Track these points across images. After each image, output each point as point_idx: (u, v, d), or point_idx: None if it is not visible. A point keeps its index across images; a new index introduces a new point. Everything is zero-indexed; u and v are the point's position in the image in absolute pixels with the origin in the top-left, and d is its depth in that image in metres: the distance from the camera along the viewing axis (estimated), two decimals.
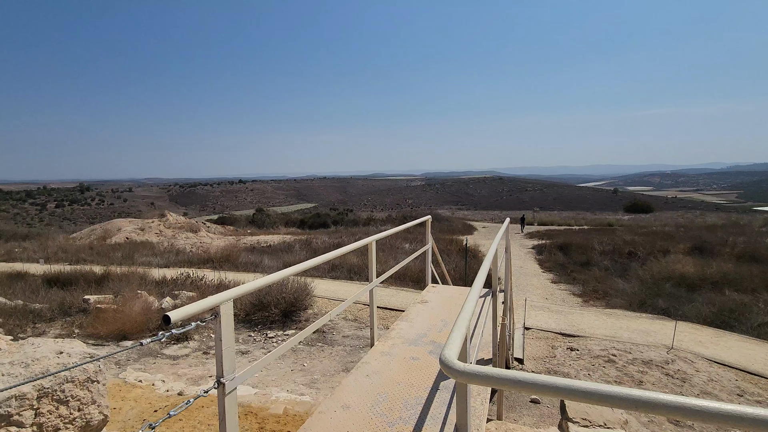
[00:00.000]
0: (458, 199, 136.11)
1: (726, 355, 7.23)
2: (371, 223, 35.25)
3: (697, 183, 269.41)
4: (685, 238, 20.81)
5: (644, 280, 13.50)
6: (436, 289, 4.96)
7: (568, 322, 9.05)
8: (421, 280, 12.99)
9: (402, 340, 3.52)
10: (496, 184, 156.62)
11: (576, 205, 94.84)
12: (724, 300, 11.12)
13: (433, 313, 4.03)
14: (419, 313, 4.03)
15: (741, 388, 6.08)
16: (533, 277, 15.30)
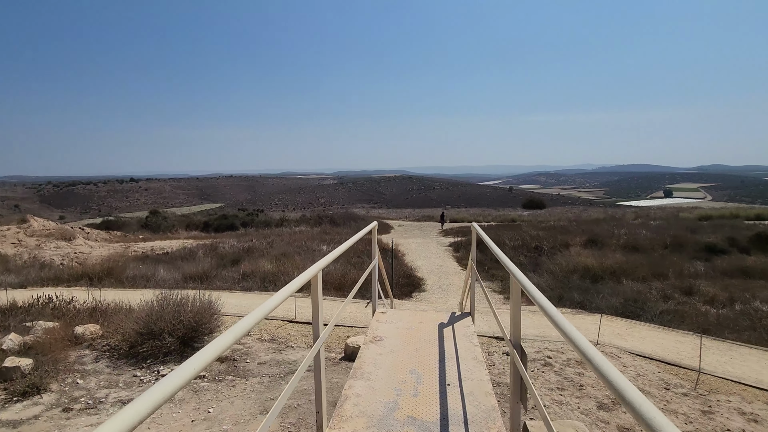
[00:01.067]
0: (370, 198, 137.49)
1: (643, 346, 7.54)
2: (284, 223, 33.25)
3: (574, 181, 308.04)
4: (578, 231, 22.79)
5: (555, 273, 14.24)
6: (388, 316, 3.90)
7: (495, 321, 8.89)
8: (343, 286, 12.07)
9: (365, 421, 2.25)
10: (405, 183, 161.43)
11: (478, 202, 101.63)
12: (624, 289, 12.08)
13: (396, 359, 2.93)
14: (377, 362, 2.92)
15: (665, 381, 6.25)
16: (454, 275, 15.30)
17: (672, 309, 9.69)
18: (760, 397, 5.71)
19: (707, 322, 8.90)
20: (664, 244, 19.12)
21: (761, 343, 7.85)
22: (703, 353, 6.99)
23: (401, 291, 12.34)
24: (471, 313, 3.71)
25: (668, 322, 8.98)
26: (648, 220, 30.74)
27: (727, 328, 8.56)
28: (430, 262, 17.73)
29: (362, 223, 31.41)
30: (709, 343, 7.56)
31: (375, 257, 3.78)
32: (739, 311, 9.88)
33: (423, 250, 20.80)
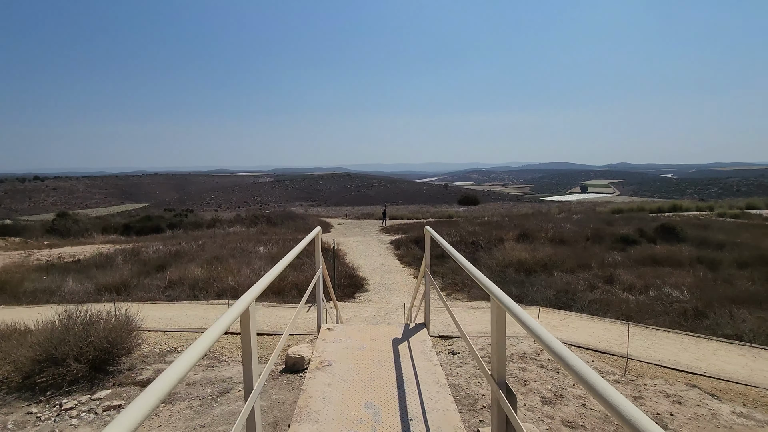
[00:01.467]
0: (309, 196, 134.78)
1: (577, 336, 7.93)
2: (217, 224, 31.23)
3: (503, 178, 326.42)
4: (511, 226, 23.90)
5: (492, 268, 14.72)
6: (336, 334, 3.36)
7: (442, 321, 8.87)
8: (283, 290, 11.46)
9: None
10: (344, 180, 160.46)
11: (416, 199, 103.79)
12: (555, 281, 12.78)
13: (348, 390, 2.46)
14: (326, 396, 2.45)
15: (599, 369, 6.57)
16: (396, 273, 15.25)
17: (598, 298, 10.38)
18: (679, 378, 6.19)
19: (629, 309, 9.62)
20: (586, 237, 20.62)
21: (674, 326, 8.62)
22: (624, 338, 7.49)
23: (344, 292, 12.00)
24: (426, 325, 3.46)
25: (596, 311, 9.59)
26: (570, 214, 33.23)
27: (646, 314, 9.33)
28: (371, 260, 17.55)
29: (301, 222, 30.48)
30: (633, 329, 8.14)
31: (319, 266, 3.38)
32: (654, 297, 10.85)
33: (364, 248, 20.59)
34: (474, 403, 5.27)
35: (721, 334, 7.85)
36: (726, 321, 8.33)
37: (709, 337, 7.74)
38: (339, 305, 10.46)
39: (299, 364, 6.35)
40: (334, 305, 4.99)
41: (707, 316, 8.86)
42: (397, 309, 9.89)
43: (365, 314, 9.50)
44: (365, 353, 2.79)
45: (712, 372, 6.28)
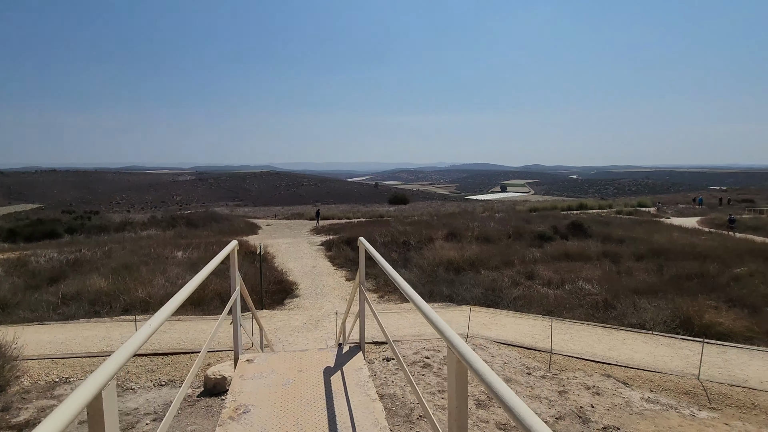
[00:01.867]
0: (235, 195, 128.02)
1: (505, 334, 8.21)
2: (128, 227, 28.14)
3: (431, 178, 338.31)
4: (440, 225, 24.57)
5: (423, 267, 14.92)
6: (256, 366, 2.72)
7: (376, 326, 8.70)
8: (203, 300, 10.50)
9: None
10: (273, 179, 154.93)
11: (347, 198, 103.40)
12: (483, 279, 13.26)
13: None
14: None
15: (526, 366, 6.82)
16: (327, 276, 14.82)
17: (522, 294, 10.93)
18: (596, 369, 6.62)
19: (549, 304, 10.24)
20: (508, 235, 21.83)
21: (588, 318, 9.31)
22: (546, 333, 7.91)
23: (272, 299, 11.32)
24: (361, 347, 3.15)
25: (521, 307, 10.07)
26: (493, 213, 35.17)
27: (564, 308, 9.99)
28: (302, 263, 16.92)
29: (226, 224, 28.63)
30: (554, 324, 8.62)
31: (236, 286, 2.87)
32: (569, 291, 11.70)
33: (294, 250, 19.83)
34: (410, 414, 5.12)
35: (628, 324, 8.63)
36: (631, 311, 9.18)
37: (618, 327, 8.46)
38: (267, 314, 9.82)
39: (220, 386, 5.75)
40: (258, 324, 4.47)
41: (615, 307, 9.71)
42: (329, 315, 9.51)
43: (295, 323, 8.99)
44: (291, 391, 2.34)
45: (623, 361, 6.81)
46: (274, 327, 8.60)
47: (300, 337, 7.99)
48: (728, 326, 7.76)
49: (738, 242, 19.64)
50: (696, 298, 10.19)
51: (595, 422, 5.00)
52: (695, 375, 6.17)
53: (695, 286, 11.33)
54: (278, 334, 8.14)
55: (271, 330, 8.40)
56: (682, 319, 8.29)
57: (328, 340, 7.80)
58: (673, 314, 8.57)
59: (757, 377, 6.07)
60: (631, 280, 12.41)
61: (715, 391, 5.76)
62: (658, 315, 8.59)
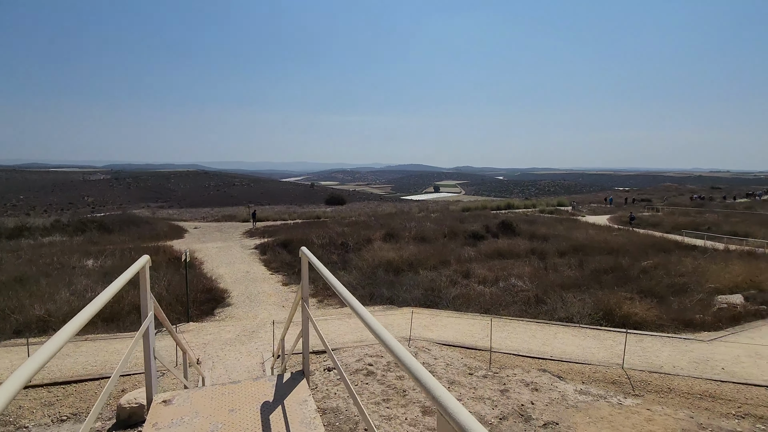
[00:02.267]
0: (158, 196, 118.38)
1: (446, 335, 8.26)
2: (25, 233, 24.54)
3: (366, 178, 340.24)
4: (378, 226, 24.56)
5: (363, 269, 14.71)
6: (172, 411, 2.10)
7: (315, 334, 8.31)
8: (119, 315, 9.35)
9: None
10: (201, 179, 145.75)
11: (282, 199, 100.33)
12: (422, 279, 13.37)
13: None
14: None
15: (468, 366, 6.88)
16: (263, 282, 14.05)
17: (460, 294, 11.14)
18: (533, 365, 6.85)
19: (486, 302, 10.54)
20: (444, 234, 22.39)
21: (522, 314, 9.72)
22: (486, 331, 8.09)
23: (200, 310, 10.41)
24: (305, 374, 2.72)
25: (460, 307, 10.26)
26: (429, 213, 36.05)
27: (500, 305, 10.35)
28: (234, 268, 15.90)
29: (146, 227, 26.14)
30: (492, 322, 8.85)
31: (149, 311, 2.24)
32: (503, 288, 12.18)
33: (225, 255, 18.62)
34: (354, 428, 4.86)
35: (557, 318, 9.13)
36: (559, 306, 9.74)
37: (549, 322, 8.91)
38: (195, 327, 8.96)
39: (137, 415, 5.05)
40: (181, 348, 3.79)
41: (545, 302, 10.25)
42: (265, 325, 8.92)
43: (227, 335, 8.29)
44: None
45: (557, 355, 7.14)
46: (203, 341, 7.85)
47: (232, 352, 7.36)
48: (642, 316, 8.51)
49: (642, 237, 21.95)
50: (613, 290, 11.13)
51: (536, 419, 5.12)
52: (619, 364, 6.62)
53: (612, 279, 12.37)
54: (208, 350, 7.44)
55: (199, 345, 7.65)
56: (604, 311, 8.95)
57: (264, 352, 7.27)
58: (596, 307, 9.22)
59: (670, 363, 6.67)
60: (557, 275, 13.24)
61: (637, 378, 6.21)
62: (583, 308, 9.21)
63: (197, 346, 7.56)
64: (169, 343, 7.37)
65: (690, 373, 6.23)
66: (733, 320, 8.54)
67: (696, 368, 6.46)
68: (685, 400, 5.60)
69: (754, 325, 8.43)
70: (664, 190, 77.58)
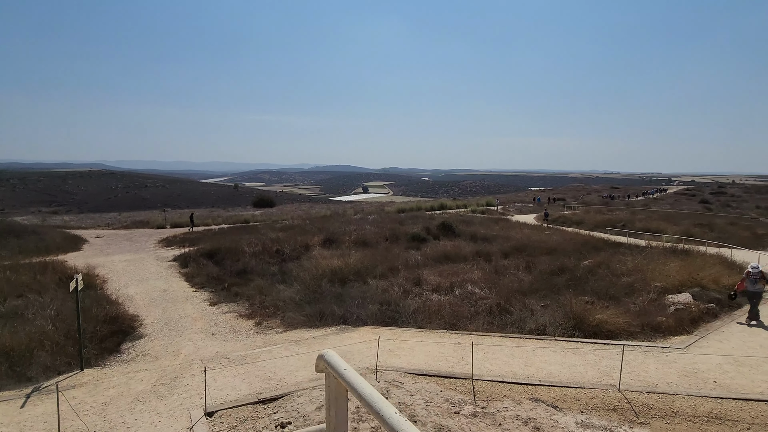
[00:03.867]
0: (52, 200, 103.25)
1: (417, 361, 7.15)
2: None
3: (294, 179, 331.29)
4: (315, 230, 22.91)
5: (305, 281, 13.12)
6: None
7: (260, 373, 6.69)
8: None
9: None
10: (107, 180, 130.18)
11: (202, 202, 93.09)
12: (371, 290, 12.18)
13: None
14: None
15: (450, 401, 5.83)
16: (185, 301, 11.85)
17: (420, 307, 10.10)
18: (523, 394, 6.00)
19: (448, 314, 9.62)
20: (385, 237, 21.44)
21: (489, 327, 8.95)
22: (463, 355, 7.14)
23: (101, 347, 8.09)
24: None
25: (422, 322, 9.23)
26: (366, 215, 34.96)
27: (463, 317, 9.49)
28: (148, 286, 13.38)
29: (31, 238, 21.61)
30: (461, 339, 7.94)
31: None
32: (460, 296, 11.41)
33: (136, 269, 15.80)
34: None
35: (528, 330, 8.49)
36: (527, 315, 9.15)
37: (522, 335, 8.23)
38: (92, 377, 6.75)
39: None
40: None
41: (509, 312, 9.62)
42: (191, 364, 7.06)
43: (138, 385, 6.30)
44: None
45: (544, 378, 6.37)
46: (103, 400, 5.80)
47: (147, 413, 5.47)
48: (613, 323, 8.15)
49: (573, 236, 22.95)
50: (569, 294, 10.91)
51: None
52: (614, 386, 6.02)
53: (563, 281, 12.23)
54: (110, 414, 5.46)
55: (97, 408, 5.63)
56: (575, 320, 8.49)
57: (192, 409, 5.51)
58: (566, 315, 8.74)
59: (662, 379, 6.23)
60: (509, 279, 12.85)
61: (637, 402, 5.62)
62: (553, 318, 8.67)
63: (93, 409, 5.55)
64: (47, 409, 5.32)
65: (687, 391, 5.79)
66: (693, 322, 8.55)
67: (689, 383, 6.07)
68: (693, 425, 5.08)
69: (715, 327, 8.51)
70: (574, 189, 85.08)
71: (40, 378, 6.68)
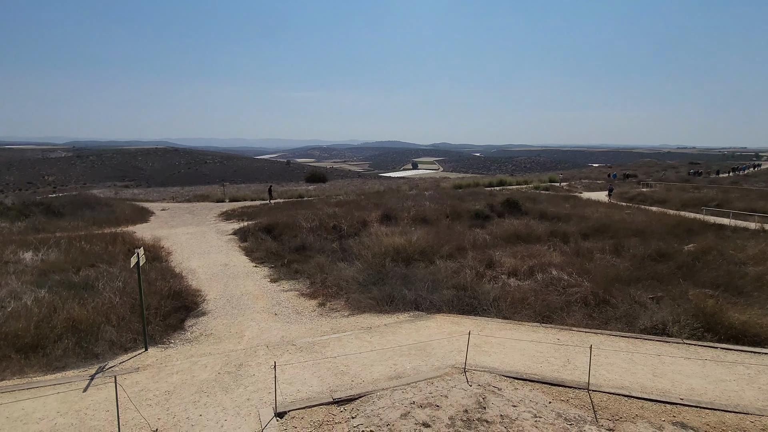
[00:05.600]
0: (124, 175, 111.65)
1: (511, 360, 6.03)
2: None
3: (344, 156, 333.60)
4: (371, 206, 22.06)
5: (367, 259, 12.31)
6: None
7: (331, 366, 5.89)
8: (43, 342, 6.67)
9: None
10: (171, 156, 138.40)
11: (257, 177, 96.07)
12: (439, 271, 11.09)
13: None
14: None
15: (564, 416, 4.68)
16: (246, 277, 11.48)
17: (501, 294, 8.89)
18: (661, 415, 4.72)
19: (538, 304, 8.35)
20: (446, 214, 20.17)
21: (588, 321, 7.60)
22: (569, 356, 5.92)
23: (165, 324, 7.77)
24: None
25: (507, 312, 8.04)
26: (421, 191, 33.67)
27: (555, 308, 8.18)
28: (209, 260, 13.23)
29: (104, 210, 22.71)
30: (560, 335, 6.70)
31: None
32: (543, 282, 10.01)
33: (198, 242, 15.85)
34: None
35: (642, 329, 7.06)
36: (636, 310, 7.66)
37: (639, 336, 6.83)
38: (155, 359, 6.24)
39: None
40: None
41: (610, 303, 8.17)
42: (256, 350, 6.45)
43: (202, 373, 5.74)
44: None
45: (686, 396, 5.03)
46: (166, 388, 5.29)
47: (212, 409, 4.82)
48: (761, 326, 6.49)
49: (660, 216, 20.25)
50: (677, 284, 9.19)
51: None
52: None
53: (668, 269, 10.42)
54: (173, 406, 4.90)
55: (160, 397, 5.10)
56: (704, 318, 6.91)
57: (261, 407, 4.80)
58: (690, 313, 7.16)
59: None
60: (599, 264, 11.23)
61: None
62: (675, 315, 7.13)
63: (156, 399, 5.02)
64: (110, 395, 4.83)
65: None
66: None
67: None
68: None
69: None
70: (646, 165, 77.54)
71: (106, 355, 6.37)
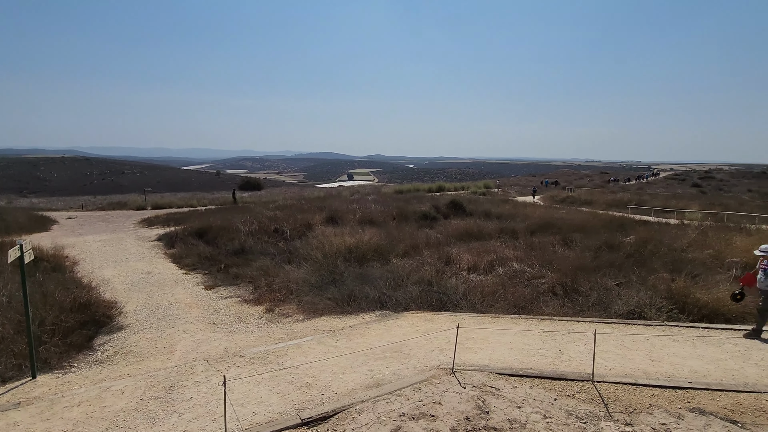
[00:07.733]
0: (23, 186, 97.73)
1: (501, 356, 5.33)
2: None
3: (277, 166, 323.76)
4: (315, 209, 20.86)
5: (317, 260, 11.16)
6: None
7: (293, 378, 4.75)
8: None
9: None
10: (81, 166, 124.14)
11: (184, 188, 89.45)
12: (396, 269, 10.28)
13: None
14: None
15: (575, 414, 4.04)
16: (175, 285, 9.78)
17: (470, 288, 8.27)
18: (675, 402, 4.25)
19: (513, 296, 7.83)
20: (392, 216, 19.60)
21: (564, 309, 7.22)
22: (560, 347, 5.38)
23: (66, 343, 6.04)
24: None
25: (481, 306, 7.41)
26: (363, 195, 32.93)
27: (527, 300, 7.72)
28: (128, 268, 11.24)
29: None
30: (544, 325, 6.17)
31: None
32: (506, 275, 9.61)
33: (113, 250, 13.57)
34: None
35: (620, 314, 6.78)
36: (607, 296, 7.43)
37: (620, 321, 6.51)
38: (46, 389, 4.65)
39: None
40: None
41: (579, 291, 7.90)
42: (194, 367, 5.09)
43: (117, 404, 4.24)
44: None
45: (692, 378, 4.65)
46: (62, 429, 3.79)
47: None
48: (730, 305, 6.49)
49: (593, 215, 21.45)
50: (634, 271, 9.28)
51: None
52: None
53: (622, 258, 10.57)
54: None
55: None
56: (675, 300, 6.81)
57: None
58: (659, 295, 7.04)
59: None
60: (560, 256, 11.16)
61: None
62: (649, 299, 6.96)
63: None
64: None
65: None
66: None
67: None
68: None
69: None
70: (565, 174, 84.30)
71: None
